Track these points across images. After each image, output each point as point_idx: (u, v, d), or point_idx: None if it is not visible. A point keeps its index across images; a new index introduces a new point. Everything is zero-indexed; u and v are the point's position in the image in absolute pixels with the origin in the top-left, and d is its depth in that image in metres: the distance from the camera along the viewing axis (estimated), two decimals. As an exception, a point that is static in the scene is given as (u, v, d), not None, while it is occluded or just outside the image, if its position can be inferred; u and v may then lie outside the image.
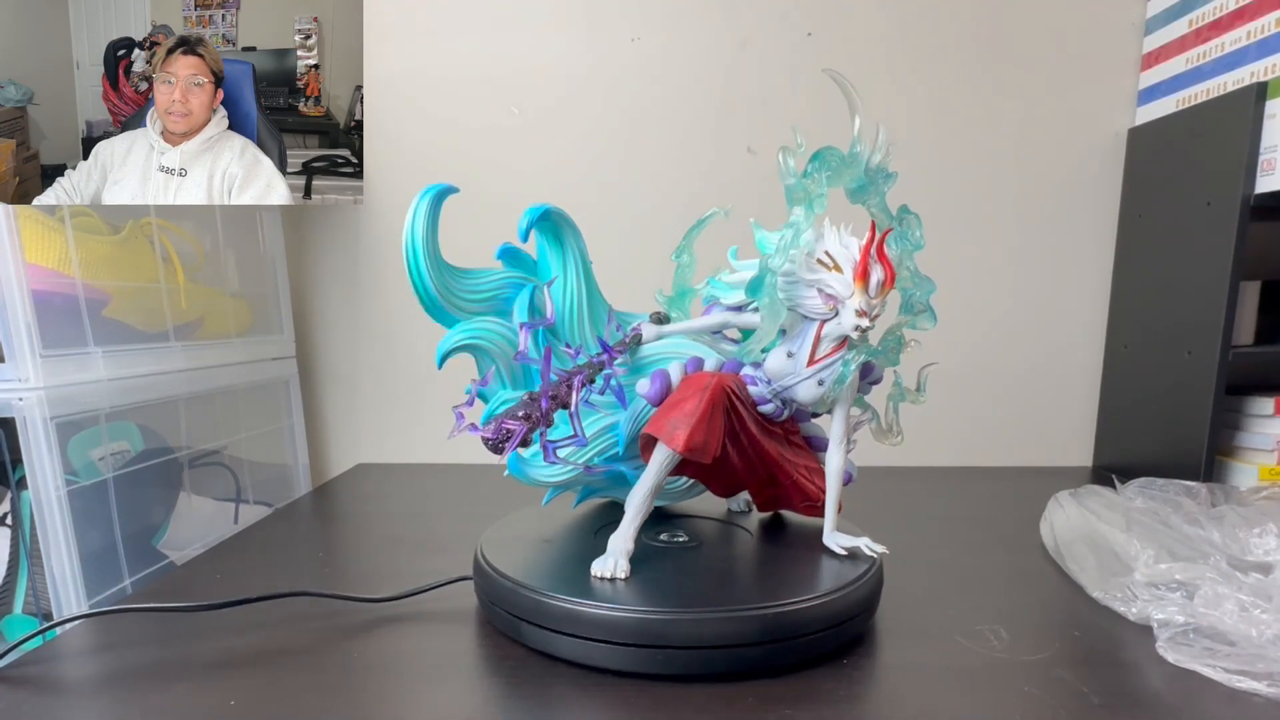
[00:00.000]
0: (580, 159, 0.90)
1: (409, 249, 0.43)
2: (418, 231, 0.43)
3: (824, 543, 0.46)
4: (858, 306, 0.40)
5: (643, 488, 0.42)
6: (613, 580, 0.41)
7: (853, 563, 0.44)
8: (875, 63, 0.87)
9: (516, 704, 0.36)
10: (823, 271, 0.41)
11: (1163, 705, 0.36)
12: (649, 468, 0.42)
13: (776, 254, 0.40)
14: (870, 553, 0.45)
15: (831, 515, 0.47)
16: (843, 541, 0.46)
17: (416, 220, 0.43)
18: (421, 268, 0.43)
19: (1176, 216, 0.78)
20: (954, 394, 0.92)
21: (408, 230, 0.43)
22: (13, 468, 0.61)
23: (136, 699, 0.37)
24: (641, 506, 0.43)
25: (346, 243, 0.92)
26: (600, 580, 0.41)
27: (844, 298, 0.40)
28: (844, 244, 0.41)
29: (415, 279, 0.43)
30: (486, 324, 0.45)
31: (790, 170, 0.40)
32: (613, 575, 0.41)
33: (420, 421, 0.95)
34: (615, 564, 0.42)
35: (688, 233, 0.50)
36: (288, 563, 0.57)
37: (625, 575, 0.42)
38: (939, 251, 0.90)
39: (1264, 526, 0.51)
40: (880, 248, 0.41)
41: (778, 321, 0.41)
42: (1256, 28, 0.71)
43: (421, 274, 0.43)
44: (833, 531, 0.47)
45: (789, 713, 0.35)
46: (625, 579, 0.41)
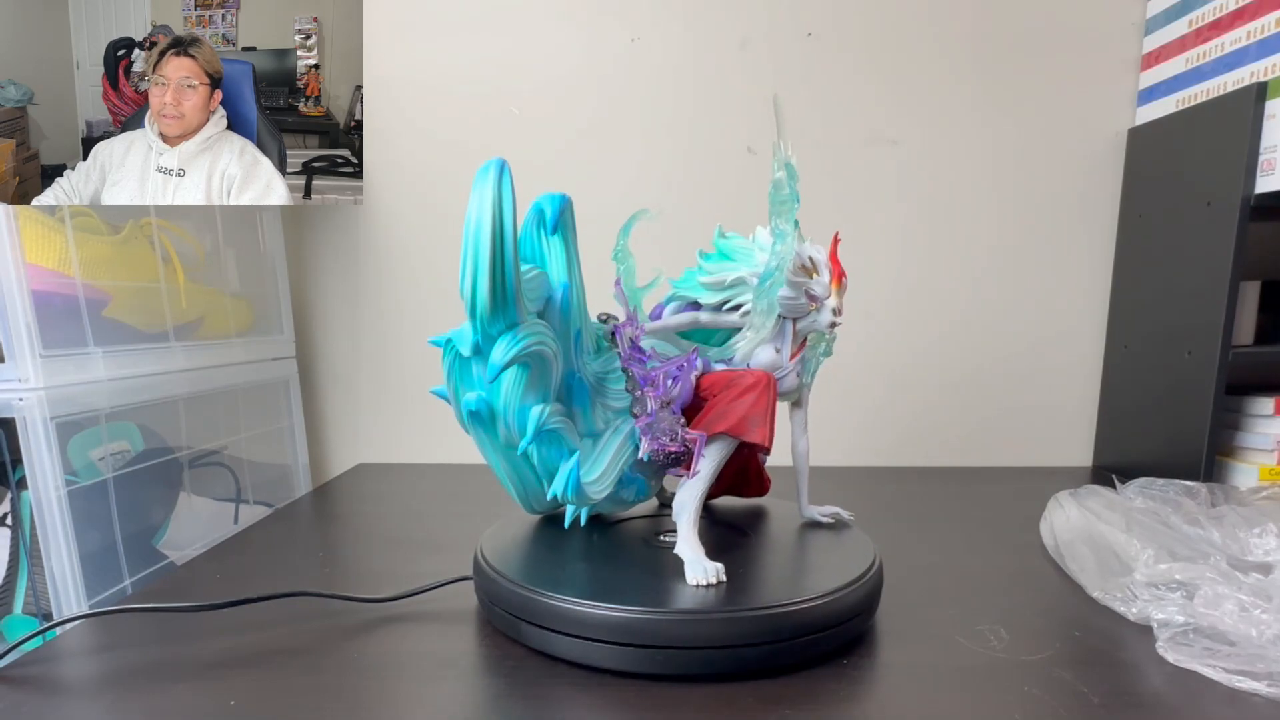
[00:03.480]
0: (580, 159, 0.90)
1: (495, 232, 0.35)
2: (507, 209, 0.36)
3: (804, 515, 0.53)
4: (834, 305, 0.46)
5: (697, 489, 0.44)
6: (718, 584, 0.41)
7: (853, 563, 0.44)
8: (875, 62, 0.87)
9: (516, 704, 0.36)
10: (804, 275, 0.45)
11: (1163, 705, 0.36)
12: (704, 468, 0.44)
13: (779, 259, 0.43)
14: (846, 517, 0.53)
15: (805, 491, 0.53)
16: (824, 510, 0.53)
17: (504, 196, 0.36)
18: (508, 255, 0.36)
19: (1176, 216, 0.78)
20: (954, 394, 0.92)
21: (492, 209, 0.35)
22: (13, 468, 0.61)
23: (136, 699, 0.37)
24: (698, 509, 0.44)
25: (346, 243, 0.92)
26: (702, 587, 0.41)
27: (823, 298, 0.46)
28: (815, 252, 0.46)
29: (497, 269, 0.36)
30: (540, 326, 0.40)
31: (783, 184, 0.43)
32: (717, 579, 0.41)
33: (420, 421, 0.95)
34: (708, 568, 0.41)
35: (621, 233, 0.50)
36: (288, 563, 0.57)
37: (723, 575, 0.42)
38: (939, 251, 0.91)
39: (1264, 526, 0.51)
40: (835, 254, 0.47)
41: (773, 319, 0.45)
42: (1256, 28, 0.71)
43: (506, 263, 0.36)
44: (809, 505, 0.53)
45: (789, 713, 0.35)
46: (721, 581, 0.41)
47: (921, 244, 0.90)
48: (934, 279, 0.91)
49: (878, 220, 0.90)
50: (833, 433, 0.92)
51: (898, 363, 0.92)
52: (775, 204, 0.43)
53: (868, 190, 0.89)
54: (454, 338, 0.40)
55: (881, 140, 0.88)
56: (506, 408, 0.41)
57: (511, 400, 0.40)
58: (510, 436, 0.42)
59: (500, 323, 0.38)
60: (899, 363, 0.92)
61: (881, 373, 0.92)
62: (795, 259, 0.44)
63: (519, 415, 0.41)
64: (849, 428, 0.93)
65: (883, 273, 0.91)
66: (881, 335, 0.92)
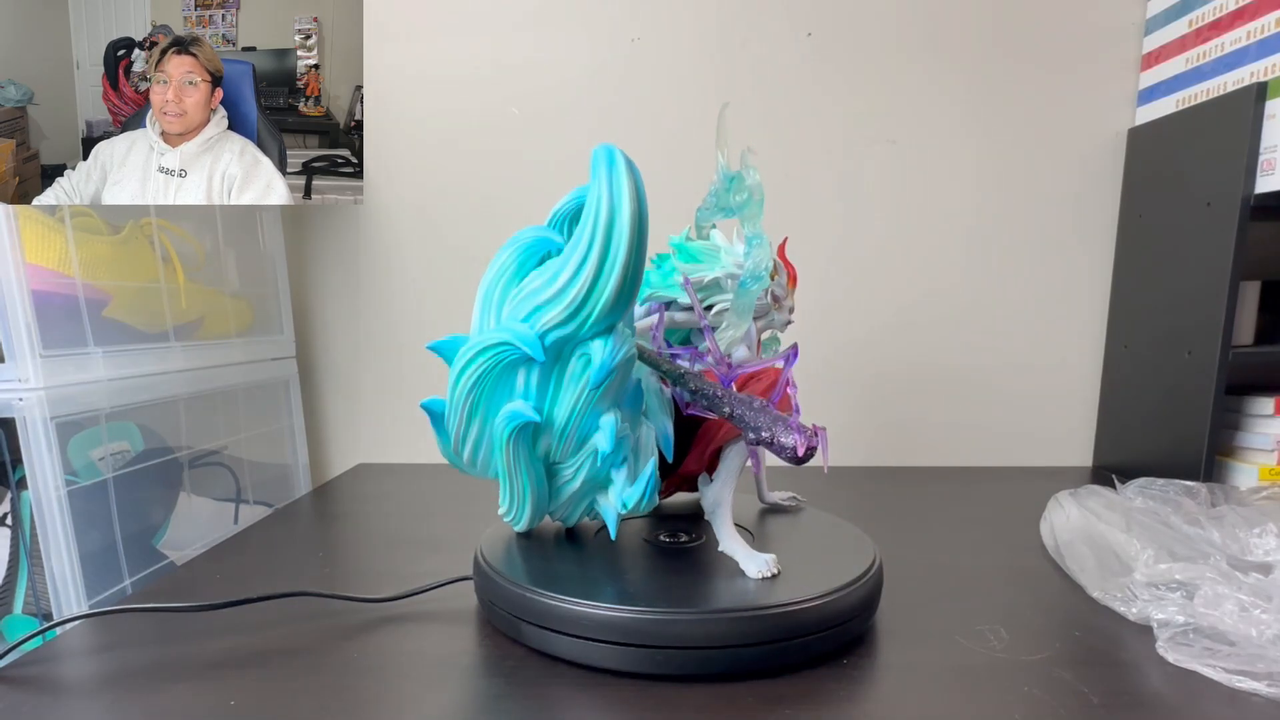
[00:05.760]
0: (580, 159, 0.89)
1: (635, 222, 0.33)
2: (644, 198, 0.33)
3: (765, 500, 0.57)
4: (790, 304, 0.49)
5: (727, 487, 0.45)
6: (775, 576, 0.42)
7: (853, 563, 0.44)
8: (875, 63, 0.87)
9: (516, 704, 0.36)
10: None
11: (1163, 705, 0.36)
12: (731, 467, 0.45)
13: (758, 262, 0.46)
14: (801, 501, 0.57)
15: (764, 479, 0.57)
16: (782, 495, 0.57)
17: (640, 184, 0.34)
18: (644, 247, 0.33)
19: (1176, 216, 0.78)
20: (954, 394, 0.92)
21: (631, 197, 0.33)
22: (13, 468, 0.61)
23: (136, 699, 0.37)
24: (730, 507, 0.45)
25: (346, 243, 0.92)
26: (764, 579, 0.42)
27: (784, 298, 0.49)
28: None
29: (633, 262, 0.34)
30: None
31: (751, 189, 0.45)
32: (774, 570, 0.42)
33: (420, 421, 0.95)
34: (764, 561, 0.42)
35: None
36: (288, 563, 0.57)
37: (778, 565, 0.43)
38: (938, 252, 0.91)
39: (1264, 526, 0.51)
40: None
41: (750, 319, 0.47)
42: (1256, 28, 0.71)
43: (641, 256, 0.34)
44: (768, 492, 0.57)
45: (789, 713, 0.35)
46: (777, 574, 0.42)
47: (921, 244, 0.90)
48: (933, 279, 0.91)
49: (877, 220, 0.90)
50: (833, 433, 0.92)
51: (898, 362, 0.92)
52: (746, 210, 0.44)
53: (867, 190, 0.89)
54: (515, 339, 0.37)
55: (880, 140, 0.88)
56: (574, 415, 0.39)
57: (582, 407, 0.39)
58: (558, 447, 0.40)
59: (610, 319, 0.36)
60: (899, 362, 0.92)
61: (881, 373, 0.92)
62: None
63: (586, 422, 0.39)
64: (849, 428, 0.93)
65: (882, 273, 0.91)
66: (881, 335, 0.92)
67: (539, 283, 0.38)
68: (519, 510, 0.45)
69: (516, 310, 0.39)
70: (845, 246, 0.91)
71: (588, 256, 0.34)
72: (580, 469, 0.43)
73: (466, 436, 0.41)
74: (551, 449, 0.42)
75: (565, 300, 0.36)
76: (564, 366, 0.39)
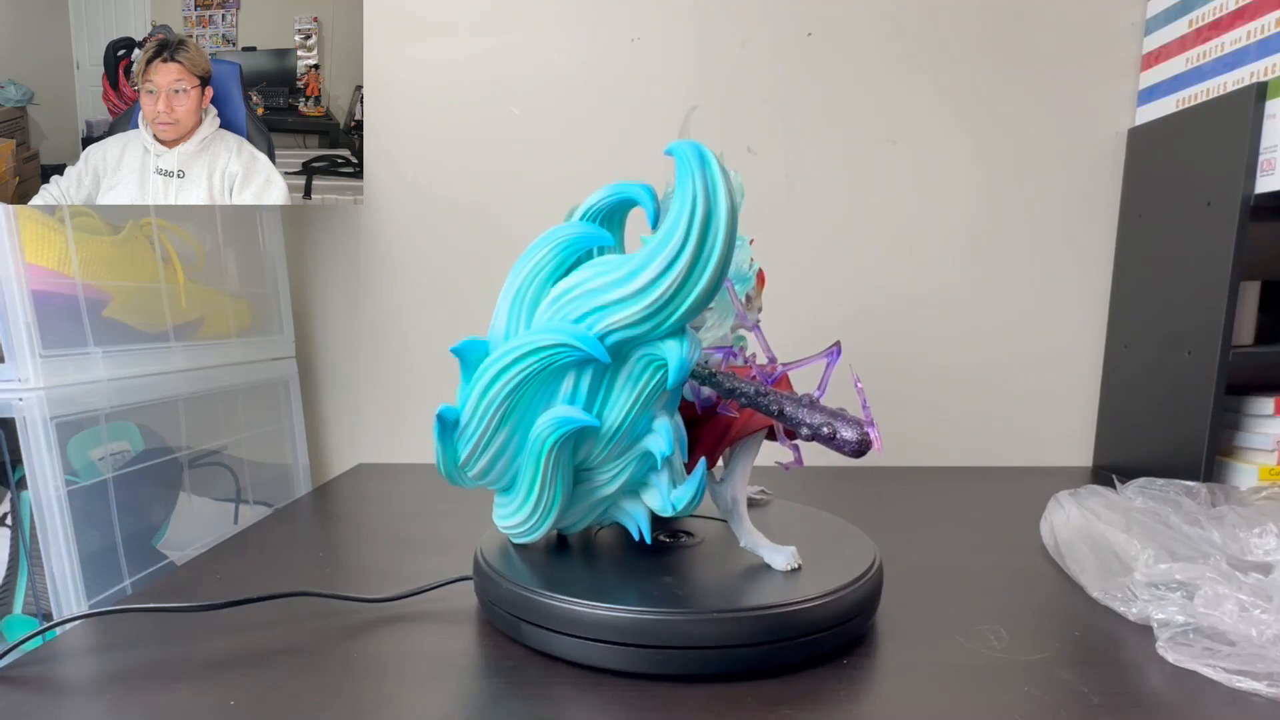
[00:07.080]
0: (580, 159, 0.90)
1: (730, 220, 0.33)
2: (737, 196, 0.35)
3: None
4: (759, 304, 0.50)
5: (741, 484, 0.45)
6: (799, 569, 0.43)
7: (853, 563, 0.44)
8: (875, 63, 0.87)
9: (516, 704, 0.36)
10: None
11: (1163, 705, 0.36)
12: (745, 464, 0.45)
13: (740, 264, 0.47)
14: (770, 495, 0.57)
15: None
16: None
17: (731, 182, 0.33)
18: (733, 245, 0.33)
19: (1176, 216, 0.78)
20: (954, 394, 0.92)
21: (727, 194, 0.32)
22: (13, 468, 0.61)
23: (136, 699, 0.37)
24: (745, 503, 0.45)
25: (346, 243, 0.92)
26: (789, 572, 0.43)
27: (754, 297, 0.49)
28: None
29: (726, 260, 0.33)
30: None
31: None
32: (798, 562, 0.43)
33: (420, 421, 0.95)
34: (789, 553, 0.43)
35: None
36: (288, 563, 0.57)
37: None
38: (938, 251, 0.91)
39: (1264, 526, 0.51)
40: None
41: (731, 318, 0.48)
42: (1256, 28, 0.71)
43: (731, 254, 0.33)
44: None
45: (789, 713, 0.35)
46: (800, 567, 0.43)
47: (921, 244, 0.90)
48: (933, 279, 0.91)
49: (877, 220, 0.90)
50: (833, 433, 0.92)
51: (897, 362, 0.92)
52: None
53: (867, 190, 0.89)
54: (576, 341, 0.35)
55: (880, 140, 0.88)
56: (628, 418, 0.37)
57: (638, 410, 0.37)
58: (601, 452, 0.39)
59: (690, 318, 0.35)
60: (899, 362, 0.92)
61: (881, 373, 0.92)
62: None
63: (638, 425, 0.38)
64: (849, 428, 0.93)
65: (882, 272, 0.91)
66: (880, 335, 0.92)
67: (602, 281, 0.35)
68: (540, 521, 0.42)
69: (565, 311, 0.36)
70: (845, 246, 0.91)
71: (680, 254, 0.33)
72: (620, 473, 0.41)
73: (488, 445, 0.39)
74: (593, 454, 0.40)
75: (647, 299, 0.34)
76: (617, 368, 0.37)
